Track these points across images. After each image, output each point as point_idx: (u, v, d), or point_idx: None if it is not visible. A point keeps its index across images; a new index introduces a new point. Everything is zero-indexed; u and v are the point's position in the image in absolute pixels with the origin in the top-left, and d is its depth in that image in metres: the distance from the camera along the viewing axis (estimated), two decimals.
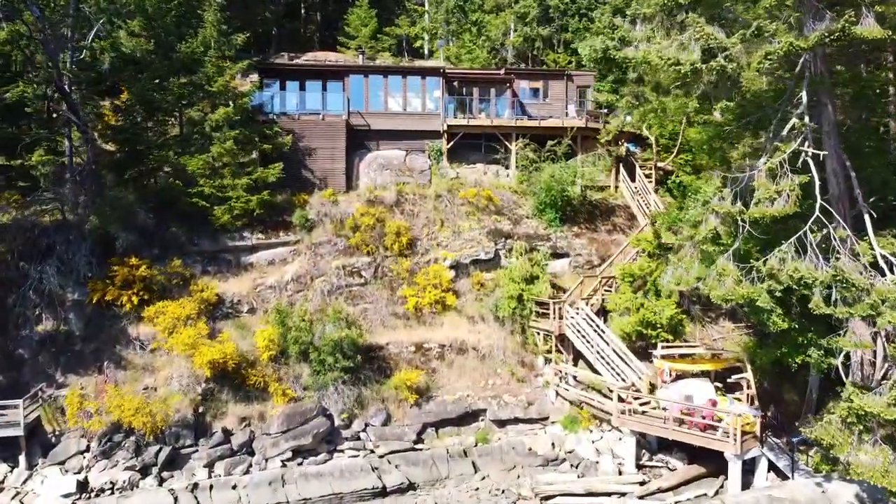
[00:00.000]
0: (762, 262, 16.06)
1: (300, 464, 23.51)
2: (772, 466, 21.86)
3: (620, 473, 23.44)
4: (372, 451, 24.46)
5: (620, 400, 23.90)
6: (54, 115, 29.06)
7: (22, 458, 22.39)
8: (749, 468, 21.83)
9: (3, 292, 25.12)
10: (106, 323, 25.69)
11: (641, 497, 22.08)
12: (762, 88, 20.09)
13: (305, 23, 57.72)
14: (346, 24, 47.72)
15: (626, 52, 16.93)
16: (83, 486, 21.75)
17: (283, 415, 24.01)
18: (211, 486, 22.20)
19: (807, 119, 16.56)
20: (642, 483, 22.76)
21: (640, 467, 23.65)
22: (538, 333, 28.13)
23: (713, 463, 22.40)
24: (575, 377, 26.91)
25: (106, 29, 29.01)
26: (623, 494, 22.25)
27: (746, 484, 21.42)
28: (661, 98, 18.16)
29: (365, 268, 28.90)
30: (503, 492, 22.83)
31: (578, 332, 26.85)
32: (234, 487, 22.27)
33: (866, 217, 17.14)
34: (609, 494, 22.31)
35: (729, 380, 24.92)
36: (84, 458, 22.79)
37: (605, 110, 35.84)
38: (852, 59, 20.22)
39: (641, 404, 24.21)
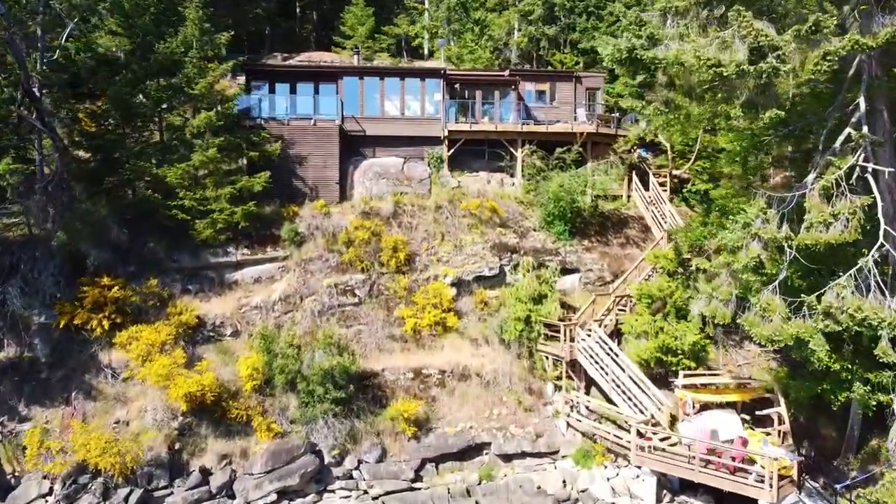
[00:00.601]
0: (815, 298, 13.82)
1: None
2: None
3: None
4: (365, 492, 22.23)
5: (640, 435, 21.68)
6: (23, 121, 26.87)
7: None
8: None
9: None
10: (75, 349, 23.49)
11: None
12: (795, 92, 17.85)
13: (301, 22, 55.53)
14: (342, 22, 45.47)
15: (655, 52, 14.70)
16: None
17: (268, 452, 21.80)
18: None
19: (865, 129, 14.34)
20: None
21: None
22: (547, 358, 25.89)
23: None
24: (588, 406, 24.67)
25: (79, 27, 26.72)
26: None
27: None
28: (696, 104, 15.98)
29: (359, 286, 26.67)
30: None
31: (591, 356, 24.62)
32: None
33: None
34: None
35: (758, 412, 22.70)
36: (46, 501, 20.62)
37: (617, 114, 33.65)
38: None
39: (662, 439, 21.99)
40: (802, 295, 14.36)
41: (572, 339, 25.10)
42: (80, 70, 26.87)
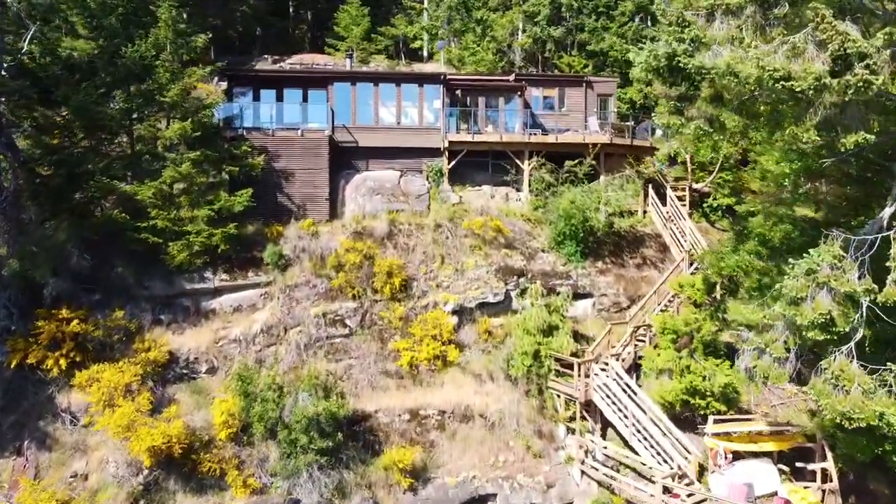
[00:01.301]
0: None
1: None
2: None
3: None
4: None
5: (666, 491, 19.10)
6: None
7: None
8: None
9: None
10: (29, 390, 20.98)
11: None
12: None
13: (295, 22, 52.97)
14: (336, 23, 42.85)
15: (702, 60, 12.09)
16: None
17: None
18: None
19: None
20: None
21: None
22: (558, 396, 23.30)
23: None
24: (605, 452, 22.09)
25: (40, 30, 24.09)
26: None
27: None
28: (750, 123, 13.46)
29: (350, 315, 24.08)
30: None
31: (608, 397, 22.07)
32: None
33: None
34: None
35: (799, 464, 20.16)
36: None
37: (632, 122, 31.06)
38: None
39: (688, 495, 19.38)
40: (881, 356, 11.81)
41: (587, 376, 22.56)
42: (42, 77, 24.29)
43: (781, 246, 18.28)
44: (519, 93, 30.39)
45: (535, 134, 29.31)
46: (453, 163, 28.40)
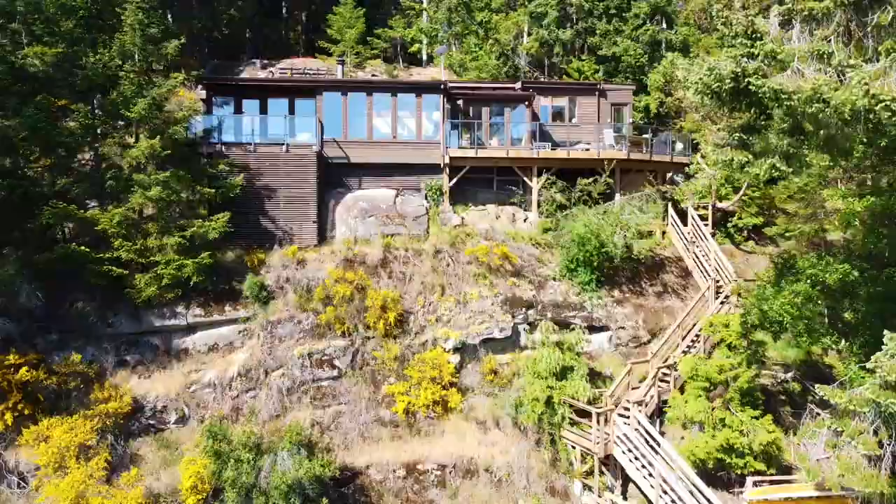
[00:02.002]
0: None
1: None
2: None
3: None
4: None
5: None
6: None
7: None
8: None
9: None
10: None
11: None
12: None
13: (288, 24, 50.45)
14: (329, 25, 40.25)
15: (781, 82, 9.44)
16: None
17: None
18: None
19: None
20: None
21: None
22: (574, 447, 20.70)
23: None
24: None
25: None
26: None
27: None
28: (838, 162, 10.97)
29: (339, 355, 21.49)
30: None
31: (630, 451, 19.46)
32: None
33: None
34: None
35: None
36: None
37: (649, 135, 28.44)
38: None
39: None
40: None
41: (605, 422, 19.96)
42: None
43: (836, 287, 15.69)
44: (526, 102, 27.81)
45: (543, 148, 26.69)
46: (455, 180, 25.83)
